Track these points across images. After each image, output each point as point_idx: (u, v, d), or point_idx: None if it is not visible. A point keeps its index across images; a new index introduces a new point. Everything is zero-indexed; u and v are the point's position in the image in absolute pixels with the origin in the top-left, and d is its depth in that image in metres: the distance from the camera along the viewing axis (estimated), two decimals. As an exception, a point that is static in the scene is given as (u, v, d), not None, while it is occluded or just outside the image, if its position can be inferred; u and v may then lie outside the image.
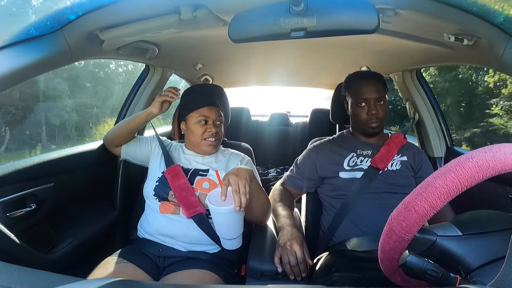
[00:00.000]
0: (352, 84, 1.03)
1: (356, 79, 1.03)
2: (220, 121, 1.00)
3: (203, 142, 0.97)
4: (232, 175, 0.72)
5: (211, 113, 0.97)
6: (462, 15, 0.60)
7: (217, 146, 1.01)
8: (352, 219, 0.93)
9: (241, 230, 0.76)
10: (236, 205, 0.68)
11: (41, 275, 0.38)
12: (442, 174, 0.35)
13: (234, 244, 0.76)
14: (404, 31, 0.82)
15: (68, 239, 0.98)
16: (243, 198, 0.69)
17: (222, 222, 0.73)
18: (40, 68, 0.66)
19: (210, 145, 0.97)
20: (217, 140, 0.98)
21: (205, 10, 0.70)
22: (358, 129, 1.04)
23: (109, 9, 0.66)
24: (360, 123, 1.01)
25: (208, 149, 0.98)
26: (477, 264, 0.39)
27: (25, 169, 0.85)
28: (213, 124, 0.97)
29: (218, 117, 0.99)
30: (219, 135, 0.99)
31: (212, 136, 0.96)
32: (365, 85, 0.99)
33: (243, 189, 0.70)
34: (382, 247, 0.41)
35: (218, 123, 0.99)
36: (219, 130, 0.99)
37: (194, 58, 1.41)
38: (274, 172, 2.35)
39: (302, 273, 0.76)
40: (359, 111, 0.99)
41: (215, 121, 0.98)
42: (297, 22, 0.56)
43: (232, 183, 0.70)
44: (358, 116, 1.00)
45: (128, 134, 1.05)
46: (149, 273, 0.85)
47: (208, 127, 0.96)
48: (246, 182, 0.71)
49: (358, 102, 0.99)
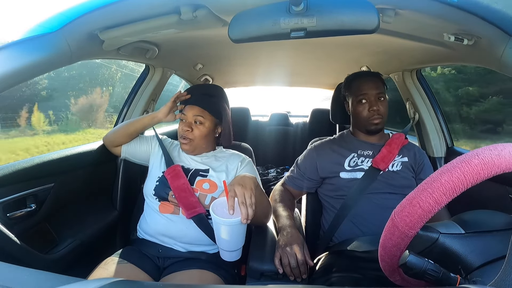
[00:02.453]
0: (352, 82, 1.04)
1: (355, 77, 1.04)
2: (199, 121, 0.95)
3: (180, 141, 0.97)
4: (238, 186, 0.70)
5: (189, 111, 0.96)
6: (462, 15, 0.60)
7: (194, 147, 0.97)
8: (352, 220, 0.93)
9: (243, 242, 0.73)
10: (243, 218, 0.66)
11: (41, 275, 0.38)
12: (448, 170, 0.35)
13: (233, 256, 0.74)
14: (404, 31, 0.82)
15: (68, 239, 0.98)
16: (250, 210, 0.67)
17: (225, 234, 0.69)
18: (40, 69, 0.66)
19: (183, 144, 0.96)
20: (190, 142, 0.95)
21: (205, 10, 0.70)
22: (360, 127, 1.04)
23: (109, 9, 0.66)
24: (362, 120, 1.01)
25: (183, 148, 0.98)
26: (478, 263, 0.39)
27: (25, 169, 0.85)
28: (188, 123, 0.95)
29: (195, 116, 0.95)
30: (194, 135, 0.95)
31: (184, 136, 0.95)
32: (364, 82, 1.00)
33: (249, 200, 0.68)
34: (384, 244, 0.41)
35: (197, 122, 0.95)
36: (194, 130, 0.95)
37: (194, 58, 1.41)
38: (274, 172, 2.35)
39: (302, 274, 0.76)
40: (361, 108, 1.00)
41: (193, 120, 0.95)
42: (297, 22, 0.56)
43: (238, 195, 0.68)
44: (359, 113, 1.00)
45: (129, 136, 1.05)
46: (149, 274, 0.85)
47: (182, 125, 0.96)
48: (252, 192, 0.69)
49: (359, 99, 1.00)
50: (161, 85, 1.38)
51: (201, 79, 1.80)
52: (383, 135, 1.06)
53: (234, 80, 2.11)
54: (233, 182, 0.72)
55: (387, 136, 1.06)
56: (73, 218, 1.03)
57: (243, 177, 0.73)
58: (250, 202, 0.68)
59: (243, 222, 0.66)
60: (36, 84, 12.68)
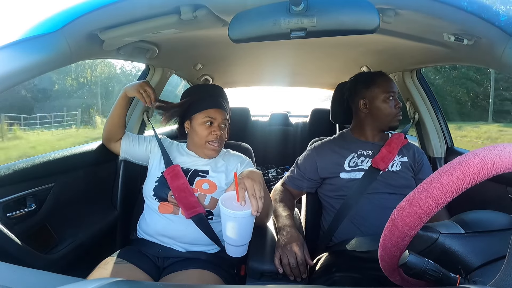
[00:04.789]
0: (377, 79, 1.03)
1: (379, 75, 1.05)
2: (226, 124, 0.98)
3: (206, 146, 0.96)
4: (247, 179, 0.70)
5: (217, 115, 0.96)
6: (462, 15, 0.60)
7: (220, 151, 1.00)
8: (352, 220, 0.93)
9: (250, 237, 0.72)
10: (254, 210, 0.66)
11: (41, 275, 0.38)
12: (448, 170, 0.35)
13: (240, 251, 0.72)
14: (404, 31, 0.82)
15: (68, 239, 0.98)
16: (260, 203, 0.67)
17: (235, 227, 0.68)
18: (40, 69, 0.66)
19: (213, 150, 0.96)
20: (220, 145, 0.97)
21: (205, 10, 0.69)
22: (382, 125, 1.03)
23: (109, 9, 0.66)
24: (388, 116, 1.01)
25: (211, 153, 0.97)
26: (478, 263, 0.39)
27: (26, 169, 0.85)
28: (218, 126, 0.96)
29: (224, 120, 0.97)
30: (223, 138, 0.98)
31: (216, 139, 0.95)
32: (390, 81, 1.03)
33: (259, 193, 0.68)
34: (384, 244, 0.41)
35: (223, 126, 0.98)
36: (223, 134, 0.97)
37: (194, 58, 1.41)
38: (274, 172, 2.36)
39: (302, 274, 0.76)
40: (388, 105, 1.01)
41: (221, 123, 0.97)
42: (297, 22, 0.56)
43: (248, 187, 0.69)
44: (386, 110, 1.01)
45: (117, 124, 1.04)
46: (149, 274, 0.85)
47: (213, 129, 0.95)
48: (260, 186, 0.70)
49: (388, 96, 1.01)
50: (161, 85, 1.38)
51: (201, 79, 1.80)
52: (383, 135, 1.06)
53: (234, 80, 2.11)
54: (242, 175, 0.73)
55: (386, 136, 1.06)
56: (73, 218, 1.03)
57: (252, 171, 0.74)
58: (260, 195, 0.68)
59: (253, 214, 0.66)
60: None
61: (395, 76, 1.38)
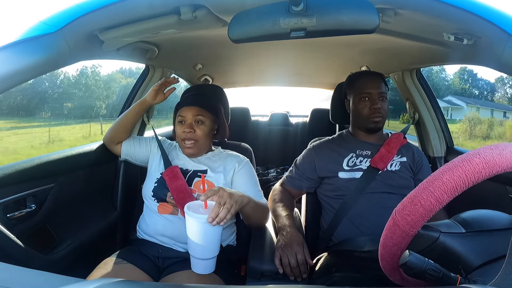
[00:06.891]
0: (355, 80, 1.04)
1: (359, 76, 1.05)
2: (200, 120, 0.95)
3: (182, 145, 0.96)
4: (226, 191, 0.70)
5: (187, 112, 0.95)
6: (461, 14, 0.60)
7: (199, 148, 0.97)
8: (351, 219, 0.93)
9: (217, 252, 0.70)
10: (210, 216, 0.64)
11: (41, 276, 0.38)
12: (449, 169, 0.34)
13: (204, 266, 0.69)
14: (404, 30, 0.82)
15: (68, 240, 0.98)
16: (222, 213, 0.65)
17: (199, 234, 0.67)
18: (40, 69, 0.66)
19: (187, 148, 0.95)
20: (196, 143, 0.95)
21: (205, 10, 0.69)
22: (360, 125, 1.04)
23: (109, 9, 0.66)
24: (363, 118, 1.01)
25: (188, 152, 0.96)
26: (478, 263, 0.39)
27: (26, 169, 0.85)
28: (190, 124, 0.94)
29: (195, 116, 0.94)
30: (198, 136, 0.94)
31: (187, 137, 0.94)
32: (368, 81, 1.01)
33: (228, 205, 0.67)
34: (384, 243, 0.41)
35: (198, 122, 0.95)
36: (198, 131, 0.94)
37: (194, 58, 1.41)
38: (274, 172, 2.35)
39: (302, 274, 0.76)
40: (362, 106, 1.00)
41: (193, 120, 0.95)
42: (296, 22, 0.56)
43: (220, 195, 0.68)
44: (360, 111, 1.00)
45: (125, 128, 1.04)
46: (149, 274, 0.85)
47: (184, 127, 0.94)
48: (235, 204, 0.69)
49: (361, 97, 1.00)
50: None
51: (201, 79, 1.80)
52: (382, 135, 1.06)
53: (234, 80, 2.11)
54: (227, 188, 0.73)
55: (386, 136, 1.06)
56: (73, 218, 1.03)
57: (237, 192, 0.74)
58: (228, 208, 0.67)
59: (208, 221, 0.64)
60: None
61: (395, 75, 1.38)
